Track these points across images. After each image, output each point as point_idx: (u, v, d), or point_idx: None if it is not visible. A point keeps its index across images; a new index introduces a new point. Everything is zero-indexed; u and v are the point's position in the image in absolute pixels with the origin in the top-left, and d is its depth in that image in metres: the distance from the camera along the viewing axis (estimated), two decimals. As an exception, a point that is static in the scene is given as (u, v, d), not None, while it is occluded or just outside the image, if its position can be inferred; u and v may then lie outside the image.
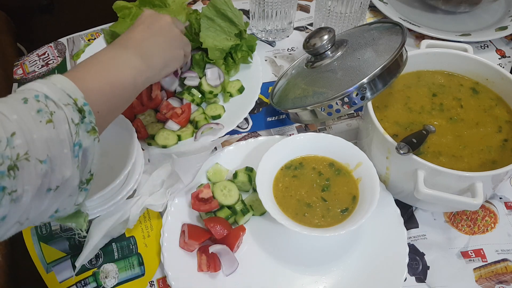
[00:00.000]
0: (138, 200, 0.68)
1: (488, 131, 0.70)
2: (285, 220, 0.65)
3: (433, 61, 0.78)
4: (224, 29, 0.87)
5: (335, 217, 0.67)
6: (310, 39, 0.75)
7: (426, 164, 0.62)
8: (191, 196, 0.71)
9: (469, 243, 0.71)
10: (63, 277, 0.68)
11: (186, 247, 0.68)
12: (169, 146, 0.79)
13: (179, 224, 0.70)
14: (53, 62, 0.97)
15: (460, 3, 1.02)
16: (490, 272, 0.68)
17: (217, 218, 0.69)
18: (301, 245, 0.69)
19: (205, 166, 0.76)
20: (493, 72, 0.74)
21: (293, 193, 0.70)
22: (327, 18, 0.94)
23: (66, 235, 0.71)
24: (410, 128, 0.71)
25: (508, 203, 0.75)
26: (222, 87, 0.87)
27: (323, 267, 0.68)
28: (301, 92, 0.75)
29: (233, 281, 0.66)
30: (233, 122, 0.83)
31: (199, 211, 0.71)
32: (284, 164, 0.73)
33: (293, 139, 0.73)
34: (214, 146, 0.79)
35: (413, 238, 0.71)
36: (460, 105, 0.74)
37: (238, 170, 0.74)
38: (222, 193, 0.72)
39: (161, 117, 0.82)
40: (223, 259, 0.66)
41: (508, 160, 0.64)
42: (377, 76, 0.67)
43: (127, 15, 0.91)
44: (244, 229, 0.70)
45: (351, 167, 0.71)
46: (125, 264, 0.69)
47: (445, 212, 0.74)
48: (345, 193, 0.69)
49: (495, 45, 1.00)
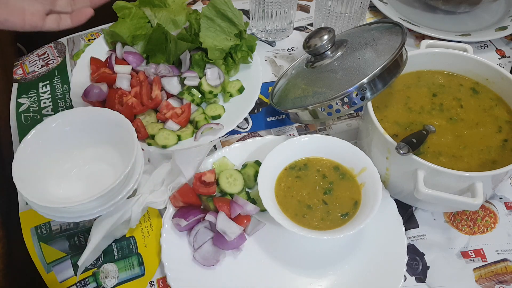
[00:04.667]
0: (138, 199, 0.68)
1: (488, 131, 0.70)
2: (284, 219, 0.65)
3: (433, 61, 0.78)
4: (224, 29, 0.87)
5: (334, 221, 0.67)
6: (310, 39, 0.75)
7: (426, 164, 0.62)
8: (194, 176, 0.72)
9: (469, 243, 0.71)
10: (63, 277, 0.68)
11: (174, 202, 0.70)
12: (169, 146, 0.79)
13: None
14: (53, 62, 0.97)
15: (460, 3, 1.02)
16: (490, 272, 0.68)
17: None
18: (299, 246, 0.70)
19: (212, 159, 0.76)
20: (493, 72, 0.74)
21: (295, 193, 0.70)
22: (327, 18, 0.94)
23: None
24: (410, 128, 0.71)
25: (508, 203, 0.75)
26: (222, 87, 0.87)
27: (322, 267, 0.68)
28: (301, 92, 0.75)
29: (232, 281, 0.66)
30: (233, 122, 0.83)
31: (197, 192, 0.71)
32: (288, 164, 0.73)
33: (298, 140, 0.73)
34: (213, 144, 0.79)
35: (413, 238, 0.71)
36: (460, 105, 0.74)
37: (248, 162, 0.75)
38: (227, 181, 0.72)
39: (161, 117, 0.82)
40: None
41: (508, 160, 0.64)
42: (377, 76, 0.67)
43: (127, 15, 0.91)
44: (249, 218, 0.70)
45: (355, 171, 0.71)
46: (125, 264, 0.69)
47: (445, 212, 0.74)
48: (347, 198, 0.69)
49: (495, 45, 1.01)
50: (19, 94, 0.92)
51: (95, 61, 0.90)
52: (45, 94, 0.91)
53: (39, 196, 0.61)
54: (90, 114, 0.70)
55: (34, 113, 0.88)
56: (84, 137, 0.69)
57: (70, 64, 0.96)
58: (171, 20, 0.91)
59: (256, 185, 0.68)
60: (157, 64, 0.89)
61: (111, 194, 0.63)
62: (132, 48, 0.91)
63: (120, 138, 0.68)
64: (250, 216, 0.70)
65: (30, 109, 0.89)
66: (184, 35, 0.88)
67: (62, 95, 0.91)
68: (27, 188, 0.61)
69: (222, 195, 0.73)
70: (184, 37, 0.88)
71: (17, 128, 0.85)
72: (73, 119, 0.69)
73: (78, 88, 0.85)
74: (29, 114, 0.88)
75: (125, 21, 0.91)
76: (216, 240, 0.68)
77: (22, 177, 0.62)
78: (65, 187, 0.67)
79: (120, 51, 0.90)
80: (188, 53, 0.88)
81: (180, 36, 0.88)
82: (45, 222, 0.73)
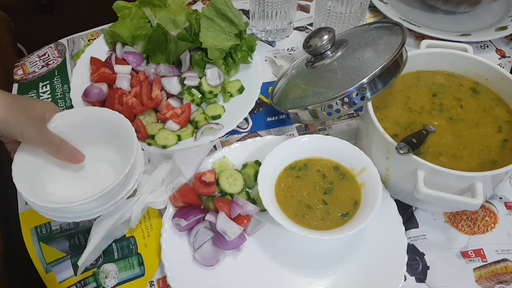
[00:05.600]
0: (138, 199, 0.69)
1: (488, 131, 0.70)
2: (284, 219, 0.65)
3: (433, 61, 0.78)
4: (224, 29, 0.87)
5: (334, 221, 0.67)
6: (310, 39, 0.75)
7: (426, 164, 0.62)
8: (194, 176, 0.72)
9: (469, 243, 0.71)
10: (62, 277, 0.68)
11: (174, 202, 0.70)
12: (169, 146, 0.79)
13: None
14: (53, 63, 0.97)
15: (460, 3, 1.02)
16: (490, 272, 0.68)
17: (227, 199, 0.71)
18: (299, 246, 0.70)
19: (212, 159, 0.76)
20: (493, 72, 0.74)
21: (295, 193, 0.70)
22: (327, 18, 0.94)
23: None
24: (410, 128, 0.71)
25: (508, 203, 0.75)
26: (222, 87, 0.87)
27: (322, 267, 0.68)
28: (301, 92, 0.75)
29: (232, 281, 0.66)
30: (233, 122, 0.83)
31: (197, 192, 0.71)
32: (288, 164, 0.73)
33: (298, 140, 0.73)
34: (213, 144, 0.79)
35: (413, 238, 0.71)
36: (460, 105, 0.74)
37: (248, 161, 0.75)
38: (227, 181, 0.72)
39: (161, 117, 0.82)
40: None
41: (508, 160, 0.64)
42: (377, 76, 0.67)
43: (127, 15, 0.91)
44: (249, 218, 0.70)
45: (355, 171, 0.71)
46: (125, 264, 0.69)
47: (445, 212, 0.74)
48: (347, 198, 0.69)
49: (495, 45, 1.00)
50: (19, 94, 0.92)
51: (95, 61, 0.90)
52: (45, 94, 0.91)
53: (38, 196, 0.61)
54: (90, 114, 0.70)
55: (34, 113, 0.88)
56: (84, 137, 0.69)
57: (70, 64, 0.96)
58: (171, 20, 0.91)
59: (256, 185, 0.68)
60: (157, 64, 0.89)
61: (111, 194, 0.63)
62: (132, 48, 0.91)
63: (120, 138, 0.68)
64: (250, 216, 0.70)
65: (30, 109, 0.89)
66: (184, 35, 0.88)
67: (62, 95, 0.91)
68: (27, 188, 0.61)
69: (222, 195, 0.73)
70: (184, 37, 0.88)
71: (17, 128, 0.85)
72: (73, 119, 0.69)
73: (78, 88, 0.85)
74: (29, 114, 0.88)
75: (125, 21, 0.91)
76: (216, 240, 0.68)
77: (22, 177, 0.62)
78: (65, 187, 0.67)
79: (120, 51, 0.90)
80: (188, 53, 0.88)
81: (180, 36, 0.88)
82: (45, 222, 0.73)
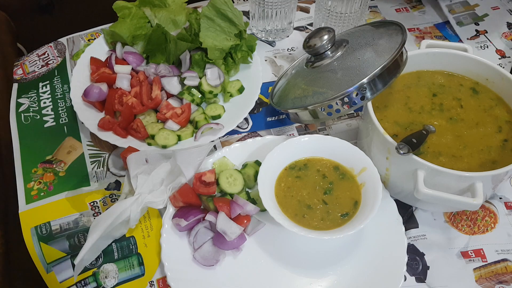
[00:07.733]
0: (137, 198, 0.68)
1: (488, 131, 0.70)
2: (284, 219, 0.65)
3: (433, 61, 0.78)
4: (224, 29, 0.87)
5: (334, 221, 0.67)
6: (310, 39, 0.75)
7: (426, 164, 0.62)
8: (194, 176, 0.72)
9: (469, 243, 0.71)
10: (63, 277, 0.68)
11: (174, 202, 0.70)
12: (169, 146, 0.79)
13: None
14: (53, 62, 0.97)
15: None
16: (490, 272, 0.68)
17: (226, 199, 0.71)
18: (299, 246, 0.70)
19: (212, 159, 0.76)
20: (493, 72, 0.74)
21: (295, 193, 0.70)
22: (327, 18, 0.94)
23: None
24: (410, 128, 0.71)
25: (508, 203, 0.75)
26: (222, 87, 0.87)
27: (322, 267, 0.68)
28: (301, 92, 0.75)
29: (232, 281, 0.66)
30: (233, 122, 0.83)
31: (197, 192, 0.71)
32: (288, 164, 0.73)
33: (298, 140, 0.73)
34: (213, 144, 0.79)
35: (413, 238, 0.71)
36: (460, 105, 0.74)
37: (248, 161, 0.75)
38: (227, 181, 0.72)
39: (161, 117, 0.82)
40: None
41: (508, 160, 0.64)
42: (377, 76, 0.67)
43: (127, 15, 0.91)
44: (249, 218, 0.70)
45: (355, 171, 0.71)
46: (125, 264, 0.69)
47: (445, 212, 0.74)
48: (347, 198, 0.69)
49: (495, 45, 1.01)
50: (19, 94, 0.92)
51: (95, 61, 0.90)
52: (45, 94, 0.91)
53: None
54: None
55: (34, 113, 0.88)
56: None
57: (70, 64, 0.96)
58: (171, 20, 0.91)
59: (256, 185, 0.68)
60: (157, 64, 0.89)
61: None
62: (132, 48, 0.91)
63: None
64: (250, 216, 0.70)
65: (30, 109, 0.89)
66: (184, 35, 0.88)
67: (62, 95, 0.91)
68: None
69: (222, 195, 0.73)
70: (184, 37, 0.88)
71: (17, 128, 0.85)
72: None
73: (78, 88, 0.85)
74: (29, 114, 0.88)
75: (125, 21, 0.91)
76: (216, 240, 0.68)
77: None
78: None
79: (120, 51, 0.90)
80: (188, 53, 0.88)
81: (180, 36, 0.88)
82: (45, 222, 0.73)
